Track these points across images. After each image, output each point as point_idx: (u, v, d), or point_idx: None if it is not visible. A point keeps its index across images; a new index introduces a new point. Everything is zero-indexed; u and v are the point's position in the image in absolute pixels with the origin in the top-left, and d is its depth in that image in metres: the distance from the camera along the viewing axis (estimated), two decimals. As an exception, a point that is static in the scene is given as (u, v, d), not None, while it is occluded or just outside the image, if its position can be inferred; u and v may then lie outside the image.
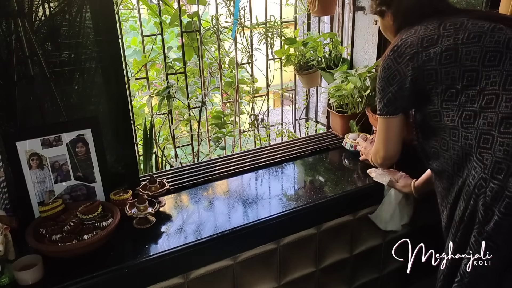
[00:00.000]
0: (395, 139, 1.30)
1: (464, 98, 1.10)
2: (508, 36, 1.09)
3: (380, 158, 1.37)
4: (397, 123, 1.27)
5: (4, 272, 1.15)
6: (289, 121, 2.72)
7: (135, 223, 1.37)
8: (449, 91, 1.12)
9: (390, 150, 1.32)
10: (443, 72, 1.12)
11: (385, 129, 1.30)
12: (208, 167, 1.78)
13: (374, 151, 1.40)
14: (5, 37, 1.25)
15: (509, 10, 1.90)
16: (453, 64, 1.11)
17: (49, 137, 1.37)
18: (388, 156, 1.34)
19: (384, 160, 1.36)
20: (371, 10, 1.42)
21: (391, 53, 1.21)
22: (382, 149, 1.34)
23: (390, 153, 1.33)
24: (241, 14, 2.13)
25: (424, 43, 1.15)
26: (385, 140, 1.32)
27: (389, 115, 1.26)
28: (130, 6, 2.59)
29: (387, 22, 1.36)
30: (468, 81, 1.09)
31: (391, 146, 1.32)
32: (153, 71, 2.47)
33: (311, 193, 1.56)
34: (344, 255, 1.65)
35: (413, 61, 1.16)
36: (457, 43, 1.12)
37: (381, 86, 1.25)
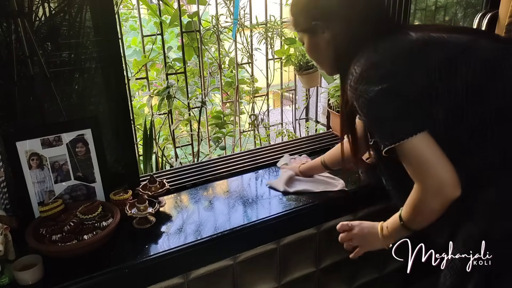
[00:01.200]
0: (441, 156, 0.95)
1: (472, 117, 0.95)
2: None
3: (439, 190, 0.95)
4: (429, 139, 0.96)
5: (4, 272, 1.15)
6: (289, 121, 2.72)
7: (135, 223, 1.37)
8: (453, 112, 0.96)
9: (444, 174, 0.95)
10: (445, 89, 0.96)
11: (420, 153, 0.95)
12: (208, 167, 1.78)
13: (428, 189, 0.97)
14: (5, 37, 1.25)
15: (509, 10, 1.90)
16: (455, 79, 0.95)
17: (49, 137, 1.37)
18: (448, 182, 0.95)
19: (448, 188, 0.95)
20: (295, 27, 1.14)
21: (373, 71, 0.96)
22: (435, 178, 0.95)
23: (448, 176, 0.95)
24: (241, 14, 2.13)
25: (416, 54, 0.98)
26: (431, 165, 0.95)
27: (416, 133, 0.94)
28: (130, 6, 2.59)
29: (321, 41, 1.09)
30: (474, 96, 0.95)
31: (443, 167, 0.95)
32: (153, 71, 2.47)
33: (311, 193, 1.55)
34: (344, 255, 1.64)
35: (412, 77, 0.96)
36: (454, 53, 0.97)
37: (379, 112, 0.97)
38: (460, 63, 0.96)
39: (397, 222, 1.08)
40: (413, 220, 1.04)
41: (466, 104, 0.95)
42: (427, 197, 0.97)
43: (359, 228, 1.19)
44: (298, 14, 1.13)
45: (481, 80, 0.96)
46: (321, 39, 1.09)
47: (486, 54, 0.98)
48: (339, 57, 1.08)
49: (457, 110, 0.95)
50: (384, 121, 0.96)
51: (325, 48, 1.10)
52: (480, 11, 2.17)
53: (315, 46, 1.13)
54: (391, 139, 0.95)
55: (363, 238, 1.18)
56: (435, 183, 0.95)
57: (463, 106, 0.95)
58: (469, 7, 2.23)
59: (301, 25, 1.13)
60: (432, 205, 0.97)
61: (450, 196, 0.95)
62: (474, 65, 0.96)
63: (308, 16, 1.09)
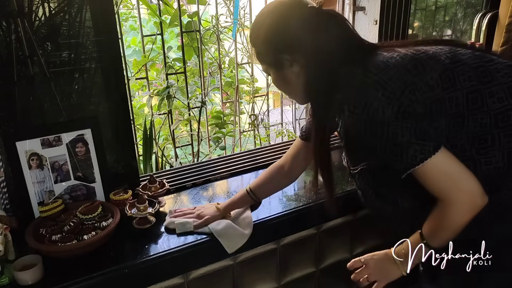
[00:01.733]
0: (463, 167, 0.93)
1: (472, 124, 0.95)
2: None
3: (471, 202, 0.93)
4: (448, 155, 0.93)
5: (4, 272, 1.15)
6: (289, 121, 2.72)
7: (135, 223, 1.37)
8: (455, 121, 0.95)
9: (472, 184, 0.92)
10: (447, 99, 0.93)
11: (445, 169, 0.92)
12: (208, 167, 1.78)
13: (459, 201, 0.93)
14: (5, 37, 1.25)
15: (509, 10, 1.90)
16: (454, 88, 0.94)
17: (49, 137, 1.37)
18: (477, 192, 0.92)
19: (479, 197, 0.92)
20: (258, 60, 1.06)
21: (376, 93, 0.90)
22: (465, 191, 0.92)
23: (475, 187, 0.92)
24: (241, 14, 2.13)
25: (411, 70, 0.94)
26: (458, 179, 0.92)
27: (437, 150, 0.91)
28: (130, 6, 2.59)
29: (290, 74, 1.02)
30: (474, 102, 0.94)
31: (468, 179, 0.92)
32: (153, 71, 2.47)
33: (311, 193, 1.56)
34: (344, 255, 1.65)
35: (416, 94, 0.92)
36: (446, 63, 0.96)
37: (394, 135, 0.91)
38: (456, 72, 0.95)
39: (418, 243, 1.01)
40: (439, 237, 0.99)
41: (466, 112, 0.94)
42: (459, 211, 0.93)
43: (373, 262, 1.11)
44: (261, 47, 1.04)
45: (478, 85, 0.95)
46: (289, 72, 1.02)
47: (473, 61, 0.98)
48: (311, 89, 1.02)
49: (458, 119, 0.95)
50: (401, 144, 0.91)
51: (294, 80, 1.03)
52: (480, 11, 2.17)
53: (283, 80, 1.05)
54: (414, 161, 0.91)
55: (380, 271, 1.10)
56: (467, 196, 0.92)
57: (464, 114, 0.94)
58: (469, 7, 2.24)
59: (265, 58, 1.04)
60: (465, 218, 0.93)
61: (481, 205, 0.92)
62: (468, 72, 0.96)
63: (273, 50, 1.01)
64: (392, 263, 1.07)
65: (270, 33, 1.01)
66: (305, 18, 0.98)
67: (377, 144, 0.94)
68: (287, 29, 0.99)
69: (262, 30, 1.02)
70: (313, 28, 0.97)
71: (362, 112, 0.91)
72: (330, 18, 1.00)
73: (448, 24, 2.25)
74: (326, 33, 0.97)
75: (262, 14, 1.05)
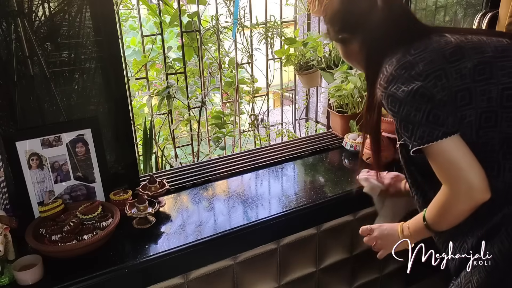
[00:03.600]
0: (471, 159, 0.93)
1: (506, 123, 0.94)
2: None
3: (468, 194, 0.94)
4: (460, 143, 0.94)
5: (4, 272, 1.15)
6: (289, 121, 2.72)
7: (135, 223, 1.37)
8: (486, 115, 0.94)
9: (474, 177, 0.92)
10: (479, 92, 0.94)
11: (450, 156, 0.93)
12: (208, 167, 1.78)
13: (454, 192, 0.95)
14: (5, 37, 1.25)
15: (509, 10, 1.89)
16: (489, 81, 0.94)
17: (49, 137, 1.36)
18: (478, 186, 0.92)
19: (477, 192, 0.93)
20: (329, 37, 1.19)
21: (404, 71, 0.96)
22: (464, 181, 0.93)
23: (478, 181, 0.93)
24: (241, 14, 2.13)
25: (448, 57, 0.96)
26: (460, 168, 0.93)
27: (446, 136, 0.92)
28: (130, 6, 2.59)
29: (353, 51, 1.13)
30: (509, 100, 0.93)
31: (472, 170, 0.92)
32: (153, 71, 2.47)
33: (311, 193, 1.55)
34: (344, 255, 1.65)
35: (442, 80, 0.94)
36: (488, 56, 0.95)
37: (409, 113, 0.94)
38: (496, 66, 0.95)
39: (420, 223, 1.07)
40: (437, 222, 1.03)
41: (500, 108, 0.94)
42: (455, 200, 0.95)
43: (378, 231, 1.21)
44: (329, 25, 1.17)
45: None
46: (351, 48, 1.14)
47: None
48: (368, 64, 1.11)
49: (490, 114, 0.94)
50: (413, 123, 0.94)
51: (355, 55, 1.14)
52: (480, 11, 2.17)
53: (347, 54, 1.17)
54: (419, 141, 0.94)
55: (384, 240, 1.19)
56: (465, 187, 0.93)
57: (496, 110, 0.94)
58: (469, 7, 2.23)
59: (332, 36, 1.18)
60: (460, 208, 0.96)
61: (479, 200, 0.93)
62: (510, 69, 0.95)
63: (336, 29, 1.14)
64: (395, 235, 1.15)
65: (334, 14, 1.14)
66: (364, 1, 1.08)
67: (395, 118, 0.99)
68: (348, 11, 1.10)
69: (329, 11, 1.16)
70: (371, 11, 1.06)
71: (387, 87, 0.98)
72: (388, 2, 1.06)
73: (448, 24, 2.25)
74: (383, 15, 1.05)
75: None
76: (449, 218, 1.00)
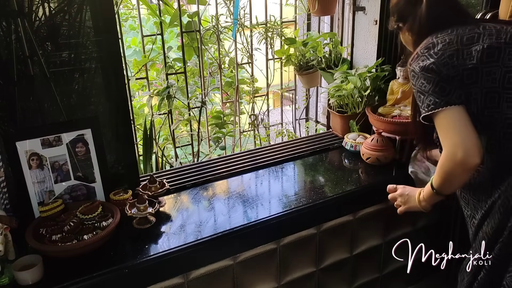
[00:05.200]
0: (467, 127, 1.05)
1: (506, 104, 1.04)
2: None
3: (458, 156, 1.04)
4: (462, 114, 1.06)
5: (4, 272, 1.15)
6: (289, 121, 2.72)
7: (135, 223, 1.37)
8: (490, 95, 1.05)
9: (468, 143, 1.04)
10: (485, 73, 1.05)
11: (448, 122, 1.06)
12: (208, 167, 1.78)
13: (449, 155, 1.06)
14: (5, 37, 1.25)
15: (509, 10, 1.89)
16: (495, 64, 1.05)
17: (49, 137, 1.36)
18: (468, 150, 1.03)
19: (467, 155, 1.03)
20: (390, 26, 1.35)
21: (425, 50, 1.11)
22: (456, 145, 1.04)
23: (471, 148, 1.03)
24: (241, 14, 2.13)
25: (465, 41, 1.08)
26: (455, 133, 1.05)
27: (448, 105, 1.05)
28: (130, 6, 2.59)
29: (407, 37, 1.29)
30: (508, 82, 1.04)
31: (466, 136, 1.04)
32: (153, 71, 2.47)
33: (311, 193, 1.56)
34: (344, 255, 1.65)
35: (453, 59, 1.07)
36: (500, 42, 1.06)
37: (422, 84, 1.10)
38: (505, 51, 1.05)
39: (429, 188, 1.20)
40: (442, 186, 1.15)
41: (502, 89, 1.04)
42: (452, 163, 1.06)
43: (401, 190, 1.36)
44: (391, 15, 1.33)
45: None
46: (405, 34, 1.29)
47: None
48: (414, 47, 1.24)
49: (493, 94, 1.04)
50: (423, 93, 1.10)
51: (409, 42, 1.28)
52: (480, 11, 2.17)
53: (404, 39, 1.32)
54: (426, 109, 1.09)
55: (404, 198, 1.34)
56: (458, 150, 1.04)
57: (499, 91, 1.04)
58: (469, 7, 2.23)
59: (391, 25, 1.34)
60: (457, 171, 1.07)
61: (469, 163, 1.03)
62: None
63: (394, 19, 1.30)
64: (414, 196, 1.29)
65: (392, 6, 1.31)
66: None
67: (414, 90, 1.15)
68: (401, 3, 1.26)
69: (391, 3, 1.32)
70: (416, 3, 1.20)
71: (411, 64, 1.14)
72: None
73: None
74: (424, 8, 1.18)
75: None
76: (449, 182, 1.12)
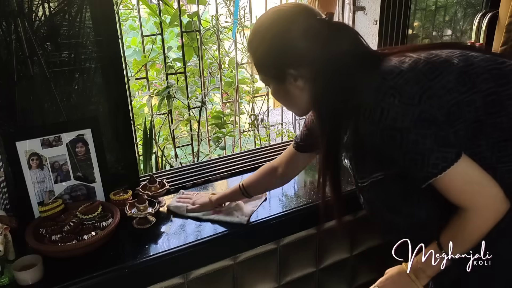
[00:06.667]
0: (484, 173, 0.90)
1: (490, 129, 0.92)
2: None
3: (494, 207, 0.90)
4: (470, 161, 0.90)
5: (4, 272, 1.15)
6: (289, 121, 2.72)
7: (135, 223, 1.37)
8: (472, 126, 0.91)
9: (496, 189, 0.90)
10: (465, 103, 0.90)
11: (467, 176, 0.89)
12: (208, 167, 1.78)
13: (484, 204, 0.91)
14: (5, 37, 1.24)
15: (509, 10, 1.90)
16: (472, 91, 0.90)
17: (49, 137, 1.36)
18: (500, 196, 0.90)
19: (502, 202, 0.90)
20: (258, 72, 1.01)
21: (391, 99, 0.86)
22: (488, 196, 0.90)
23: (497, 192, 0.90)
24: (241, 14, 2.13)
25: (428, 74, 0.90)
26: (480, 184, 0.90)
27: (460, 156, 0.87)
28: (130, 6, 2.59)
29: (293, 88, 0.98)
30: (492, 106, 0.91)
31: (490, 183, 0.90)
32: (153, 71, 2.47)
33: (311, 193, 1.55)
34: (344, 255, 1.65)
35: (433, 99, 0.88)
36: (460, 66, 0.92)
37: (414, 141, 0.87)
38: (472, 74, 0.92)
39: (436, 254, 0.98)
40: (460, 246, 0.96)
41: (484, 116, 0.91)
42: (483, 217, 0.91)
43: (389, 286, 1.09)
44: (262, 60, 0.98)
45: (495, 87, 0.92)
46: (292, 86, 0.97)
47: (486, 63, 0.95)
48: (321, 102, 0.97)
49: (475, 124, 0.91)
50: (422, 152, 0.87)
51: (297, 94, 0.99)
52: (480, 11, 2.17)
53: (284, 93, 1.00)
54: (435, 170, 0.87)
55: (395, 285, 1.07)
56: (490, 202, 0.89)
57: (481, 119, 0.91)
58: (469, 7, 2.23)
59: (266, 72, 1.00)
60: (488, 224, 0.91)
61: (504, 210, 0.90)
62: (484, 74, 0.92)
63: (276, 64, 0.96)
64: (408, 281, 1.03)
65: (273, 47, 0.95)
66: (313, 31, 0.93)
67: (396, 152, 0.90)
68: (293, 43, 0.93)
69: (264, 43, 0.96)
70: (323, 42, 0.92)
71: (379, 120, 0.87)
72: (340, 32, 0.95)
73: (448, 24, 2.25)
74: (337, 47, 0.93)
75: (262, 24, 0.98)
76: (474, 239, 0.94)
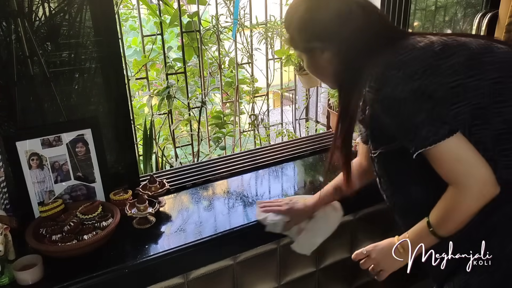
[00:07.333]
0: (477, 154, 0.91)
1: (497, 119, 0.93)
2: None
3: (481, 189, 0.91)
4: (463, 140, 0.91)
5: (4, 272, 1.15)
6: (289, 121, 2.72)
7: (135, 223, 1.37)
8: (477, 112, 0.92)
9: (485, 172, 0.90)
10: (470, 87, 0.92)
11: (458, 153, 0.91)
12: (208, 167, 1.78)
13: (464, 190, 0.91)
14: (5, 37, 1.25)
15: (509, 10, 1.90)
16: (480, 76, 0.92)
17: (49, 137, 1.36)
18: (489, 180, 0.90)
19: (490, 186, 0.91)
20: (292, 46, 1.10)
21: (396, 71, 0.91)
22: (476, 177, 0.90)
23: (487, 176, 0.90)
24: (241, 14, 2.13)
25: (439, 53, 0.93)
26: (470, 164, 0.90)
27: (452, 133, 0.89)
28: (130, 6, 2.59)
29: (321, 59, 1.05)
30: (498, 94, 0.92)
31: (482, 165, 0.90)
32: (153, 71, 2.47)
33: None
34: (344, 255, 1.65)
35: (437, 76, 0.91)
36: (475, 52, 0.95)
37: (410, 112, 0.91)
38: (484, 61, 0.94)
39: (423, 231, 1.00)
40: (445, 226, 0.97)
41: (490, 104, 0.92)
42: (467, 198, 0.92)
43: (376, 252, 1.12)
44: (294, 34, 1.07)
45: (504, 78, 0.94)
46: (320, 58, 1.05)
47: (505, 55, 0.97)
48: (341, 74, 1.04)
49: (481, 110, 0.92)
50: (416, 123, 0.90)
51: (325, 66, 1.06)
52: (480, 11, 2.17)
53: (314, 65, 1.09)
54: (426, 142, 0.90)
55: (384, 260, 1.11)
56: (479, 183, 0.90)
57: (487, 106, 0.92)
58: (469, 7, 2.23)
59: (298, 45, 1.08)
60: (475, 205, 0.92)
61: (491, 194, 0.91)
62: (496, 64, 0.94)
63: (305, 38, 1.04)
64: (396, 251, 1.06)
65: (302, 22, 1.03)
66: (337, 8, 1.00)
67: (394, 121, 0.95)
68: (319, 18, 1.01)
69: (295, 18, 1.05)
70: (345, 18, 0.99)
71: (380, 89, 0.92)
72: (362, 7, 1.01)
73: (448, 24, 2.25)
74: (358, 22, 0.99)
75: (297, 2, 1.06)
76: (458, 219, 0.95)
